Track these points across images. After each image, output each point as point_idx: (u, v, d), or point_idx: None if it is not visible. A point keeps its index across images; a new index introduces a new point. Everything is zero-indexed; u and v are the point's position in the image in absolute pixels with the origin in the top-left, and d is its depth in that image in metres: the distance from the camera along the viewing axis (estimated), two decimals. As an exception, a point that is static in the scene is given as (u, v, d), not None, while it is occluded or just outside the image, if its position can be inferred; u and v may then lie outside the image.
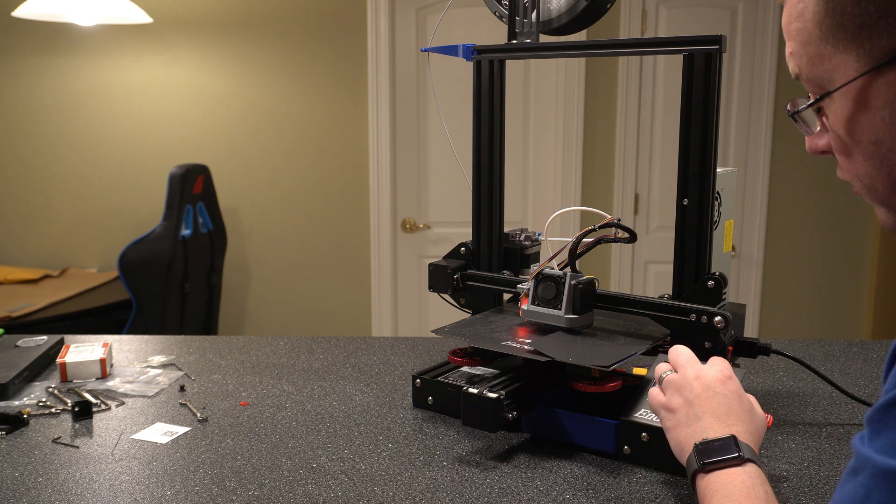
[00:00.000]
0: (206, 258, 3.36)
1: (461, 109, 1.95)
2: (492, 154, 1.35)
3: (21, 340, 1.49)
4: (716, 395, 0.90)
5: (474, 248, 1.37)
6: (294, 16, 3.52)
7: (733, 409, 0.90)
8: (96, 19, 3.08)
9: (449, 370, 1.27)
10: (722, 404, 0.90)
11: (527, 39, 1.30)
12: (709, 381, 0.92)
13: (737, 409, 0.90)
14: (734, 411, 0.89)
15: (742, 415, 0.90)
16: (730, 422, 0.88)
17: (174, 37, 3.52)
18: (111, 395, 1.30)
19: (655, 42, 1.69)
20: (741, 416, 0.89)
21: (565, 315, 1.16)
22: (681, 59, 1.13)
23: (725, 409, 0.89)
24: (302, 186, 3.63)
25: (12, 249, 3.71)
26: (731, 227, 1.28)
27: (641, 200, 3.59)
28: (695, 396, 0.91)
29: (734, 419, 0.88)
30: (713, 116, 1.12)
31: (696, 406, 0.90)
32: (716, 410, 0.89)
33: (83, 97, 3.58)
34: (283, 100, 3.57)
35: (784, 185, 3.55)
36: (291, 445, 1.11)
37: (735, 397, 0.91)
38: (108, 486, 0.99)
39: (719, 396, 0.90)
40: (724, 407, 0.90)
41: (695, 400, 0.91)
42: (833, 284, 3.62)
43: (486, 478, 1.01)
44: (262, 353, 1.53)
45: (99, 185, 3.65)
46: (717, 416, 0.89)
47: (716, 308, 1.12)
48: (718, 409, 0.89)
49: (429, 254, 3.64)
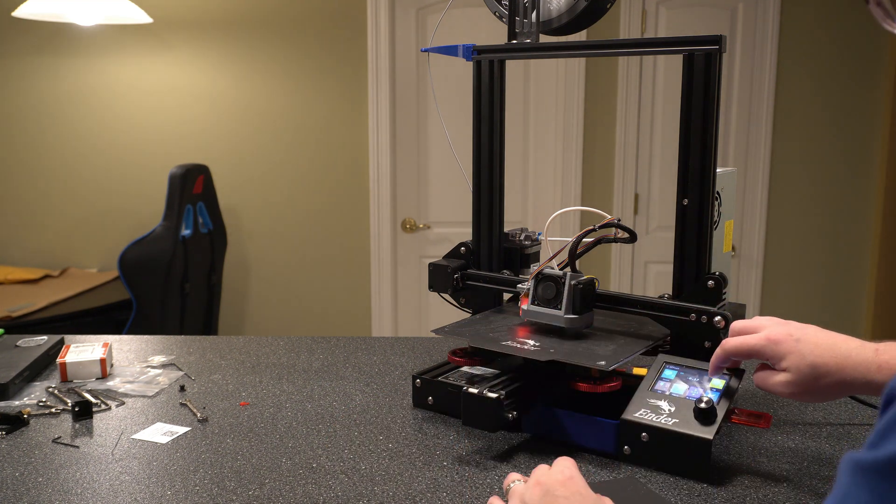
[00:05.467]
0: (206, 258, 3.36)
1: (461, 109, 1.95)
2: (492, 154, 1.35)
3: (21, 340, 1.49)
4: (556, 498, 0.84)
5: (474, 247, 1.38)
6: (294, 16, 3.52)
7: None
8: (96, 19, 3.08)
9: (449, 370, 1.27)
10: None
11: (527, 39, 1.30)
12: (549, 485, 0.85)
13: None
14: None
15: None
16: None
17: (174, 37, 3.52)
18: (111, 395, 1.30)
19: (655, 42, 1.69)
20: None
21: (565, 315, 1.16)
22: (681, 59, 1.13)
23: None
24: (302, 186, 3.63)
25: (12, 249, 3.71)
26: (731, 227, 1.28)
27: (641, 200, 3.59)
28: (534, 503, 0.85)
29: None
30: (713, 116, 1.12)
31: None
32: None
33: (83, 97, 3.58)
34: (284, 100, 3.57)
35: (784, 185, 3.55)
36: (291, 445, 1.11)
37: (578, 498, 0.85)
38: (108, 486, 0.99)
39: (560, 500, 0.84)
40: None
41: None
42: (833, 284, 3.62)
43: (486, 478, 1.01)
44: (262, 353, 1.53)
45: (99, 185, 3.65)
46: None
47: (716, 308, 1.12)
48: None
49: (429, 254, 3.64)
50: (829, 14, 3.42)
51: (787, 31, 3.43)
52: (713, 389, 1.05)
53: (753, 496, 0.96)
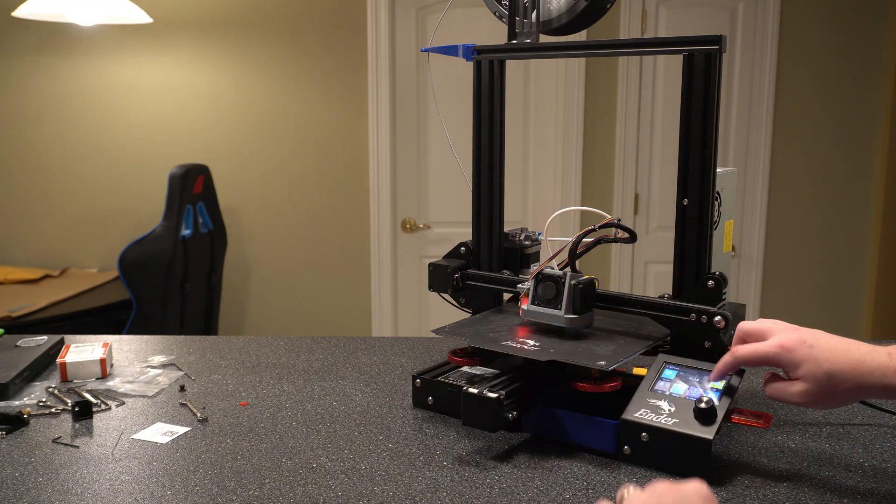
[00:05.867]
0: (206, 258, 3.36)
1: (461, 109, 1.95)
2: (492, 154, 1.34)
3: (21, 340, 1.49)
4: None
5: (474, 247, 1.37)
6: (294, 15, 3.52)
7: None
8: (96, 19, 3.08)
9: (449, 370, 1.27)
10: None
11: (527, 39, 1.29)
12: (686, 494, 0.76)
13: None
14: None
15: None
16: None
17: (174, 37, 3.52)
18: (111, 395, 1.30)
19: (655, 42, 1.69)
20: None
21: (565, 315, 1.16)
22: (681, 59, 1.13)
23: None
24: (302, 186, 3.63)
25: (12, 249, 3.71)
26: (731, 227, 1.28)
27: (641, 200, 3.59)
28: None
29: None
30: (713, 116, 1.12)
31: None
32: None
33: (83, 97, 3.58)
34: (284, 100, 3.57)
35: (784, 185, 3.56)
36: (291, 445, 1.11)
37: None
38: (108, 486, 0.99)
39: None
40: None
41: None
42: (833, 284, 3.62)
43: (486, 478, 1.01)
44: (262, 353, 1.53)
45: (99, 185, 3.65)
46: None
47: (716, 308, 1.12)
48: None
49: (429, 254, 3.64)
50: (829, 14, 3.42)
51: (787, 31, 3.43)
52: (713, 389, 1.05)
53: (753, 496, 0.96)
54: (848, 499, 0.95)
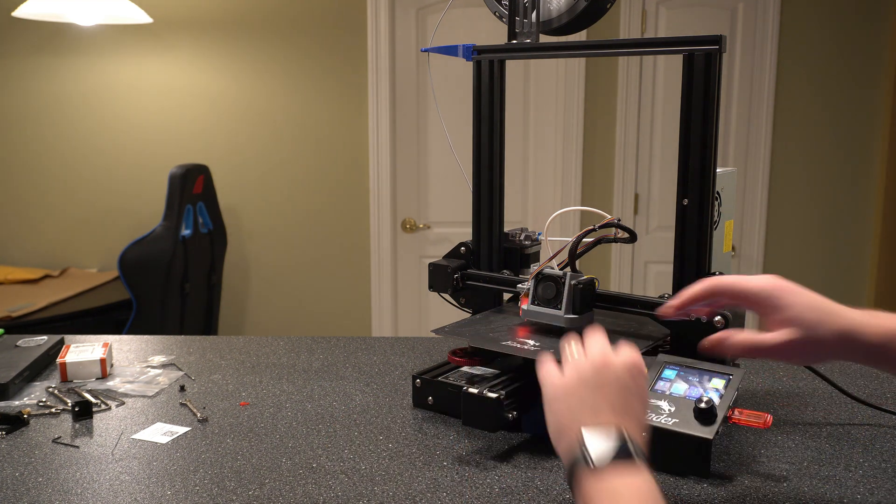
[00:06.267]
0: (206, 258, 3.36)
1: (461, 109, 1.95)
2: (492, 154, 1.35)
3: (21, 340, 1.49)
4: (625, 388, 0.80)
5: (474, 247, 1.37)
6: (294, 16, 3.52)
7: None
8: (96, 19, 3.08)
9: (449, 370, 1.27)
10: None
11: (527, 39, 1.29)
12: (616, 368, 0.81)
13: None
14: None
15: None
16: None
17: (174, 37, 3.52)
18: (111, 395, 1.30)
19: (655, 42, 1.69)
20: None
21: (565, 315, 1.16)
22: (681, 59, 1.13)
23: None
24: (302, 186, 3.63)
25: (12, 249, 3.71)
26: (731, 227, 1.28)
27: (641, 200, 3.59)
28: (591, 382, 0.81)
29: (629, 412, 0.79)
30: (713, 116, 1.12)
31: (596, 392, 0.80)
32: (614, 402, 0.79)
33: (83, 97, 3.58)
34: (283, 100, 3.57)
35: (784, 185, 3.56)
36: (291, 445, 1.11)
37: (642, 394, 0.82)
38: (108, 486, 0.99)
39: (631, 391, 0.80)
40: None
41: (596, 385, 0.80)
42: (833, 284, 3.62)
43: (486, 478, 1.01)
44: (262, 353, 1.53)
45: (99, 185, 3.65)
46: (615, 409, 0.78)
47: (716, 308, 1.12)
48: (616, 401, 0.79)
49: (429, 254, 3.64)
50: (829, 14, 3.42)
51: (787, 31, 3.43)
52: (713, 389, 1.05)
53: (753, 496, 0.96)
54: (848, 499, 0.95)
